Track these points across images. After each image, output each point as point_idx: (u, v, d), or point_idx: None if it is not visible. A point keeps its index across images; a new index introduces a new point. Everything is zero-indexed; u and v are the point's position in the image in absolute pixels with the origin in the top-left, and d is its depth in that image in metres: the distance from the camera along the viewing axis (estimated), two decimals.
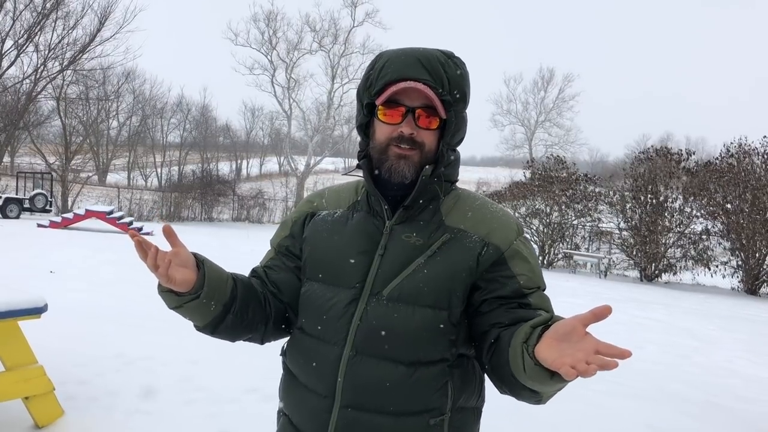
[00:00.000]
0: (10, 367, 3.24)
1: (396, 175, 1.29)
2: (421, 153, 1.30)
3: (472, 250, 1.29)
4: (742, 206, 15.80)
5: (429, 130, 1.29)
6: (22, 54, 26.23)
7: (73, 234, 16.67)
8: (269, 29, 41.50)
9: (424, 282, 1.26)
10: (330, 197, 1.47)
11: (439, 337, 1.27)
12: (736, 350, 7.29)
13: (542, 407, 4.39)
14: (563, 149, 56.38)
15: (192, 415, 3.68)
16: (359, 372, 1.26)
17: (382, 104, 1.30)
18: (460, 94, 1.31)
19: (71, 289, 7.23)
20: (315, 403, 1.31)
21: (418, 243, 1.30)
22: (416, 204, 1.33)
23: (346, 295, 1.31)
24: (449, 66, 1.30)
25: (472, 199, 1.40)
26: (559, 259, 19.61)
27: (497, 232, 1.32)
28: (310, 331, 1.35)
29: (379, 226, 1.35)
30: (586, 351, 0.96)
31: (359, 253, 1.33)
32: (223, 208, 31.51)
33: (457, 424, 1.32)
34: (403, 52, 1.31)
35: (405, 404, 1.26)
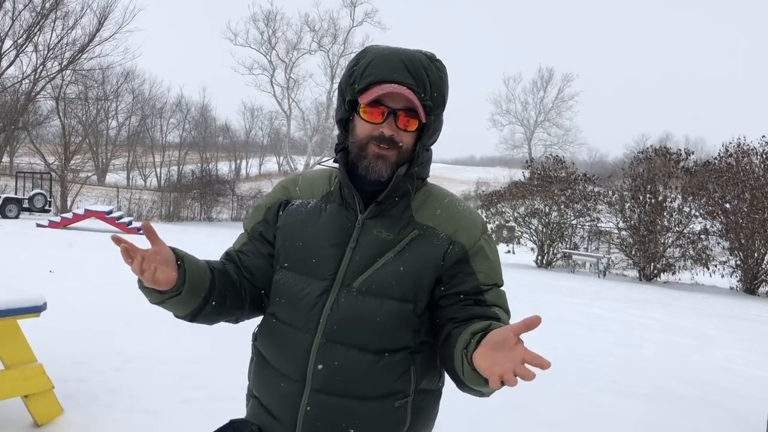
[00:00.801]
0: (9, 365, 3.24)
1: (373, 173, 1.34)
2: (399, 153, 1.35)
3: (440, 247, 1.36)
4: (741, 206, 15.83)
5: (408, 131, 1.34)
6: (21, 54, 26.30)
7: (73, 234, 16.68)
8: (268, 29, 41.55)
9: (393, 276, 1.33)
10: (303, 185, 1.51)
11: (404, 327, 1.34)
12: (734, 349, 7.30)
13: (541, 405, 4.44)
14: (562, 149, 56.54)
15: (191, 414, 3.69)
16: (329, 358, 1.32)
17: (365, 103, 1.33)
18: (440, 98, 1.36)
19: (70, 288, 7.24)
20: (286, 386, 1.36)
21: (389, 238, 1.36)
22: (388, 200, 1.38)
23: (319, 285, 1.36)
24: (432, 70, 1.34)
25: (442, 197, 1.45)
26: (558, 258, 19.63)
27: (463, 230, 1.39)
28: (282, 318, 1.41)
29: (351, 219, 1.39)
30: (514, 361, 1.03)
31: (332, 246, 1.38)
32: (222, 208, 31.51)
33: (420, 405, 1.39)
34: (389, 53, 1.34)
35: (372, 389, 1.33)
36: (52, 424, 3.34)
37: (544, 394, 4.69)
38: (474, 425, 3.89)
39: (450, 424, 3.81)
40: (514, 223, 20.98)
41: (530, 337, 5.32)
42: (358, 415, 1.34)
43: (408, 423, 1.37)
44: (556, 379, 5.12)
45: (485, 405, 4.21)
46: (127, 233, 18.55)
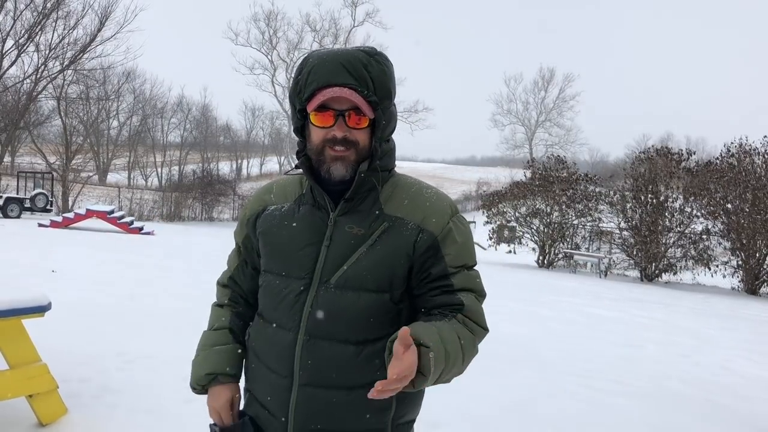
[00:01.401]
0: (14, 365, 3.25)
1: (336, 175, 1.39)
2: (356, 151, 1.39)
3: (409, 237, 1.40)
4: (743, 206, 15.82)
5: (360, 129, 1.38)
6: (22, 54, 26.26)
7: (74, 233, 16.70)
8: (269, 29, 41.64)
9: (367, 269, 1.38)
10: (278, 191, 1.58)
11: (383, 316, 1.40)
12: (737, 350, 7.30)
13: (544, 405, 4.44)
14: (563, 149, 56.58)
15: (194, 414, 3.69)
16: (313, 353, 1.39)
17: (313, 110, 1.38)
18: (384, 92, 1.39)
19: (73, 288, 7.25)
20: (276, 382, 1.43)
21: (360, 233, 1.41)
22: (356, 196, 1.43)
23: (298, 285, 1.42)
24: (372, 65, 1.37)
25: (408, 186, 1.49)
26: (559, 258, 19.63)
27: (431, 217, 1.42)
28: (268, 318, 1.48)
29: (324, 219, 1.45)
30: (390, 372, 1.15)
31: (307, 245, 1.44)
32: (223, 208, 31.53)
33: (404, 394, 1.42)
34: (327, 57, 1.38)
35: (356, 379, 1.39)
36: (57, 424, 3.35)
37: (547, 394, 4.70)
38: (477, 425, 3.90)
39: (454, 423, 3.82)
40: (515, 224, 20.97)
41: (533, 338, 5.40)
42: (345, 405, 1.40)
43: (394, 408, 1.43)
44: (558, 380, 5.12)
45: (489, 405, 4.22)
46: (129, 233, 18.56)
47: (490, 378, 4.85)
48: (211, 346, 1.57)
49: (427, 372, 1.19)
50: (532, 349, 6.22)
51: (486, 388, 4.58)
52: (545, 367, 5.55)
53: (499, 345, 5.76)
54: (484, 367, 4.79)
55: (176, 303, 7.13)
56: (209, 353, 1.56)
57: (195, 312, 6.67)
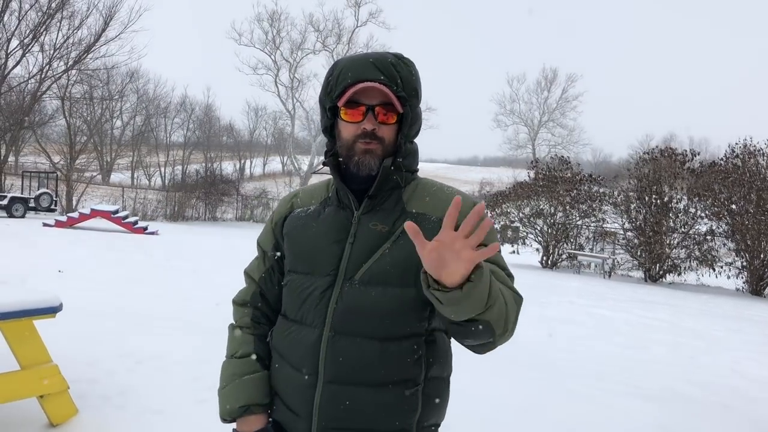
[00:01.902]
0: (25, 365, 3.26)
1: (363, 167, 1.42)
2: (383, 146, 1.43)
3: (431, 230, 1.36)
4: (747, 207, 15.79)
5: (388, 125, 1.43)
6: (27, 54, 26.30)
7: (79, 233, 16.73)
8: (273, 29, 41.52)
9: (391, 264, 1.39)
10: (303, 196, 1.61)
11: (408, 313, 1.39)
12: (744, 351, 7.29)
13: (552, 406, 4.41)
14: (566, 149, 56.35)
15: (203, 414, 3.69)
16: (339, 350, 1.38)
17: (344, 106, 1.42)
18: (411, 91, 1.44)
19: (79, 288, 7.26)
20: (301, 380, 1.42)
21: (384, 230, 1.42)
22: (380, 193, 1.45)
23: (323, 282, 1.43)
24: (400, 66, 1.43)
25: (430, 186, 1.53)
26: (563, 259, 19.61)
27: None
28: (292, 317, 1.48)
29: (348, 218, 1.47)
30: (459, 240, 1.09)
31: (332, 243, 1.45)
32: (227, 208, 31.54)
33: (430, 393, 1.43)
34: (357, 58, 1.44)
35: (382, 376, 1.37)
36: (67, 425, 3.35)
37: (555, 395, 4.69)
38: (485, 427, 3.90)
39: (462, 425, 3.81)
40: (519, 224, 20.95)
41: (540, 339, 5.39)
42: (370, 403, 1.38)
43: (419, 410, 1.41)
44: (565, 381, 5.12)
45: (498, 407, 4.22)
46: (134, 233, 18.58)
47: (498, 380, 4.85)
48: (240, 376, 1.52)
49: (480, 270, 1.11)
50: (540, 351, 6.21)
51: (495, 390, 4.58)
52: (553, 368, 5.54)
53: (506, 346, 5.75)
54: (492, 368, 4.80)
55: (182, 303, 7.14)
56: (239, 384, 1.51)
57: (201, 312, 6.69)
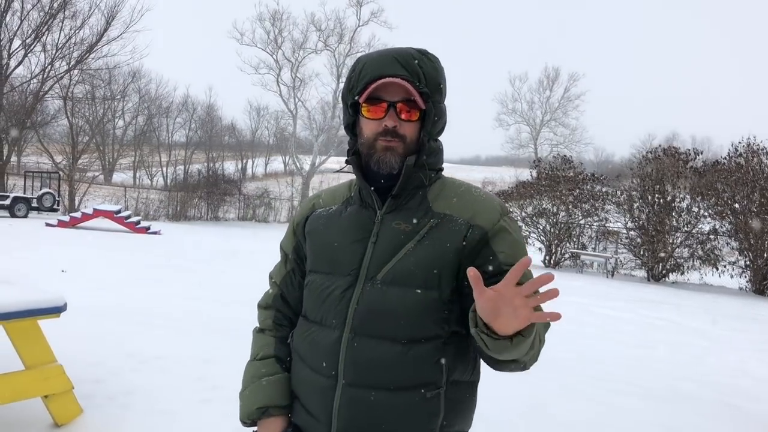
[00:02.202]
0: (30, 366, 3.25)
1: (384, 165, 1.38)
2: (404, 144, 1.38)
3: (458, 233, 1.36)
4: (750, 206, 15.74)
5: (410, 122, 1.38)
6: (29, 54, 26.37)
7: (82, 233, 16.75)
8: (275, 29, 41.53)
9: (415, 265, 1.34)
10: (326, 196, 1.58)
11: (430, 315, 1.35)
12: (748, 350, 7.27)
13: (557, 407, 4.41)
14: (568, 149, 56.32)
15: (208, 414, 3.70)
16: (358, 352, 1.35)
17: (365, 102, 1.38)
18: (434, 86, 1.39)
19: (82, 288, 7.26)
20: (320, 382, 1.39)
21: (408, 229, 1.38)
22: (404, 193, 1.41)
23: (343, 281, 1.40)
24: (424, 62, 1.39)
25: (457, 186, 1.48)
26: (566, 258, 19.58)
27: (481, 214, 1.39)
28: (312, 318, 1.45)
29: (371, 217, 1.43)
30: (519, 297, 1.08)
31: (353, 242, 1.42)
32: (229, 208, 31.55)
33: (453, 397, 1.39)
34: (379, 54, 1.41)
35: (402, 379, 1.34)
36: (72, 425, 3.35)
37: (560, 395, 4.68)
38: (489, 426, 3.88)
39: None
40: (521, 223, 20.92)
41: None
42: (391, 406, 1.34)
43: (442, 414, 1.37)
44: (571, 381, 5.11)
45: (503, 407, 4.21)
46: (136, 233, 18.60)
47: (503, 380, 4.83)
48: (259, 378, 1.52)
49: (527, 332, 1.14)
50: (544, 350, 6.18)
51: (499, 390, 4.56)
52: (558, 368, 5.53)
53: None
54: None
55: (186, 303, 7.14)
56: (258, 386, 1.51)
57: (205, 312, 6.69)
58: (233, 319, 6.40)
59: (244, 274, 10.21)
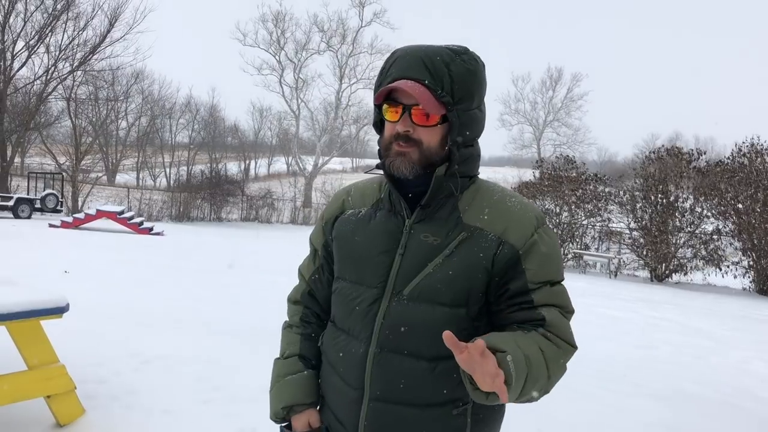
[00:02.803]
0: (32, 366, 3.26)
1: (396, 171, 1.32)
2: (420, 150, 1.31)
3: (488, 249, 1.31)
4: (754, 206, 15.70)
5: (426, 127, 1.30)
6: (33, 55, 26.41)
7: (85, 234, 16.77)
8: (277, 30, 41.66)
9: (442, 282, 1.30)
10: (355, 195, 1.52)
11: (458, 332, 1.27)
12: (752, 351, 7.25)
13: (560, 407, 4.39)
14: (572, 149, 56.29)
15: (211, 415, 3.69)
16: (385, 367, 1.33)
17: (386, 102, 1.33)
18: (464, 93, 1.30)
19: (86, 289, 7.27)
20: (348, 393, 1.39)
21: (436, 242, 1.33)
22: (434, 202, 1.35)
23: (370, 294, 1.37)
24: (456, 63, 1.29)
25: (490, 194, 1.40)
26: (569, 259, 19.55)
27: (513, 229, 1.32)
28: (340, 326, 1.44)
29: (399, 225, 1.38)
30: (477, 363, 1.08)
31: (381, 253, 1.38)
32: (232, 208, 31.56)
33: (480, 412, 1.38)
34: (410, 51, 1.32)
35: (429, 396, 1.32)
36: (74, 425, 3.35)
37: (563, 395, 4.66)
38: None
39: None
40: None
41: None
42: (416, 423, 1.33)
43: (468, 430, 1.36)
44: (573, 381, 5.09)
45: (503, 406, 4.20)
46: (139, 233, 18.62)
47: None
48: (284, 377, 1.54)
49: (509, 379, 1.11)
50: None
51: None
52: None
53: None
54: None
55: (188, 304, 7.15)
56: (282, 384, 1.54)
57: (207, 312, 6.69)
58: (236, 320, 6.41)
59: (247, 275, 10.21)
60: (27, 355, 3.25)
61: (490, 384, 1.07)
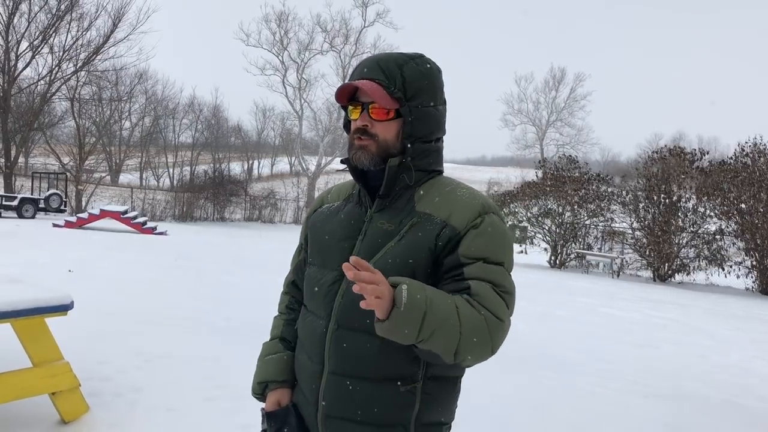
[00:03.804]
0: (37, 363, 3.29)
1: (357, 162, 1.46)
2: (377, 143, 1.44)
3: (432, 231, 1.41)
4: (757, 206, 15.69)
5: (382, 122, 1.44)
6: (37, 55, 26.47)
7: (89, 234, 16.82)
8: (280, 30, 41.67)
9: (391, 264, 1.40)
10: (334, 192, 1.68)
11: None
12: (754, 350, 7.25)
13: (562, 405, 4.40)
14: (575, 149, 56.19)
15: (213, 412, 3.72)
16: (341, 343, 1.44)
17: (350, 104, 1.48)
18: (415, 91, 1.44)
19: (89, 288, 7.30)
20: (311, 368, 1.50)
21: (390, 228, 1.44)
22: (391, 192, 1.48)
23: (331, 276, 1.49)
24: (409, 66, 1.45)
25: (444, 185, 1.51)
26: (571, 259, 19.55)
27: (457, 213, 1.42)
28: (309, 308, 1.57)
29: (362, 215, 1.51)
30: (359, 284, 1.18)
31: (343, 239, 1.50)
32: (235, 208, 31.62)
33: (431, 391, 1.44)
34: (370, 58, 1.48)
35: (379, 371, 1.41)
36: (79, 422, 3.38)
37: (565, 394, 4.69)
38: (495, 425, 3.90)
39: (471, 423, 3.82)
40: (527, 224, 20.90)
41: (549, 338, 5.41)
42: (368, 396, 1.42)
43: (417, 408, 1.43)
44: (575, 380, 5.11)
45: (507, 405, 4.22)
46: (142, 233, 18.67)
47: (507, 378, 4.85)
48: (265, 356, 1.67)
49: (398, 302, 1.19)
50: (549, 350, 6.21)
51: (504, 388, 4.59)
52: (562, 367, 5.54)
53: (515, 345, 5.75)
54: (502, 367, 4.79)
55: (192, 302, 7.18)
56: (262, 363, 1.66)
57: (210, 311, 6.72)
58: (239, 318, 6.43)
59: (250, 275, 10.25)
60: (32, 352, 3.28)
61: (369, 299, 1.16)
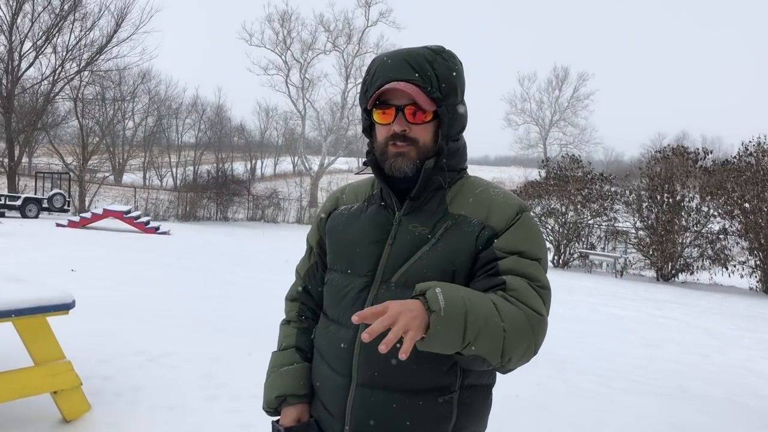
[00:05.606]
0: (39, 362, 3.29)
1: (397, 171, 1.37)
2: (417, 148, 1.37)
3: (471, 233, 1.36)
4: (761, 205, 15.63)
5: (420, 124, 1.37)
6: (40, 55, 26.54)
7: (92, 233, 16.86)
8: (283, 29, 41.69)
9: (428, 268, 1.34)
10: (349, 193, 1.59)
11: None
12: (757, 349, 7.23)
13: (564, 405, 4.38)
14: (578, 148, 56.16)
15: (215, 411, 3.72)
16: (371, 353, 1.34)
17: (375, 107, 1.38)
18: (450, 88, 1.37)
19: (92, 287, 7.32)
20: (336, 381, 1.42)
21: (423, 232, 1.38)
22: (422, 195, 1.41)
23: (359, 282, 1.41)
24: (438, 62, 1.37)
25: (475, 186, 1.46)
26: (574, 258, 19.52)
27: (495, 213, 1.38)
28: (331, 316, 1.48)
29: (389, 218, 1.44)
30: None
31: (370, 243, 1.43)
32: (238, 208, 31.61)
33: (467, 401, 1.39)
34: (391, 56, 1.39)
35: (414, 383, 1.34)
36: (80, 421, 3.39)
37: (567, 393, 4.68)
38: (497, 425, 3.88)
39: None
40: None
41: (551, 336, 5.34)
42: (402, 409, 1.35)
43: (454, 419, 1.37)
44: (578, 379, 5.10)
45: (507, 403, 4.21)
46: (145, 233, 18.70)
47: (508, 377, 4.83)
48: (279, 368, 1.56)
49: (434, 305, 1.10)
50: (551, 348, 6.18)
51: (504, 387, 4.56)
52: (564, 366, 5.52)
53: None
54: None
55: (194, 302, 7.19)
56: (277, 375, 1.55)
57: (213, 310, 6.73)
58: (241, 318, 6.44)
59: (253, 274, 10.25)
60: (33, 351, 3.28)
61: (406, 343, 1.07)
